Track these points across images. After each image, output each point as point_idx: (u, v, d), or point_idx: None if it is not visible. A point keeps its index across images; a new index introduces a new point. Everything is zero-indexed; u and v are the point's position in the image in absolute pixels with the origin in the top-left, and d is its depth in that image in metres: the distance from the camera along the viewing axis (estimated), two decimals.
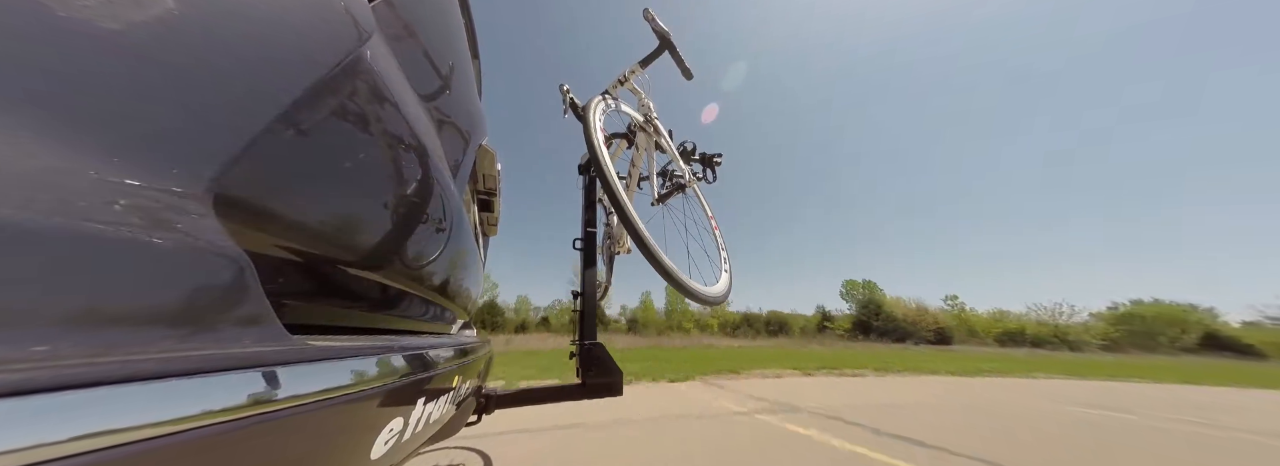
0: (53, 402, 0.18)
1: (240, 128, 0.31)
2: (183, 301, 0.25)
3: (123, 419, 0.20)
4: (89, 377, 0.19)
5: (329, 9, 0.41)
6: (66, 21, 0.22)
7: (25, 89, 0.20)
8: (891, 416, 4.23)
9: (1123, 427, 4.14)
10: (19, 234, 0.18)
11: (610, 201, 1.30)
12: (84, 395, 0.19)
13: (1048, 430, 3.86)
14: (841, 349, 22.86)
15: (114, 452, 0.19)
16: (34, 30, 0.21)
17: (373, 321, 0.70)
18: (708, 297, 1.46)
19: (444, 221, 0.71)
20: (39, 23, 0.21)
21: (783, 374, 8.53)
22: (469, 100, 1.06)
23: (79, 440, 0.18)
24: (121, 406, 0.20)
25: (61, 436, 0.17)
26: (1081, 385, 8.63)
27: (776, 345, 25.82)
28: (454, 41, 0.93)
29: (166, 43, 0.27)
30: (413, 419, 0.53)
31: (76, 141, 0.22)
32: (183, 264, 0.25)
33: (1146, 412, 5.18)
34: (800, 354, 15.65)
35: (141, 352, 0.22)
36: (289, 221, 0.38)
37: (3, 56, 0.20)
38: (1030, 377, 9.81)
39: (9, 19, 0.20)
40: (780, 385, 6.81)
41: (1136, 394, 7.29)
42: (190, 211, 0.26)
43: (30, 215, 0.19)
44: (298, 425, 0.31)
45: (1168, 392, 7.73)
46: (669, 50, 1.84)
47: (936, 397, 5.77)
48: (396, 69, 0.57)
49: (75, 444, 0.18)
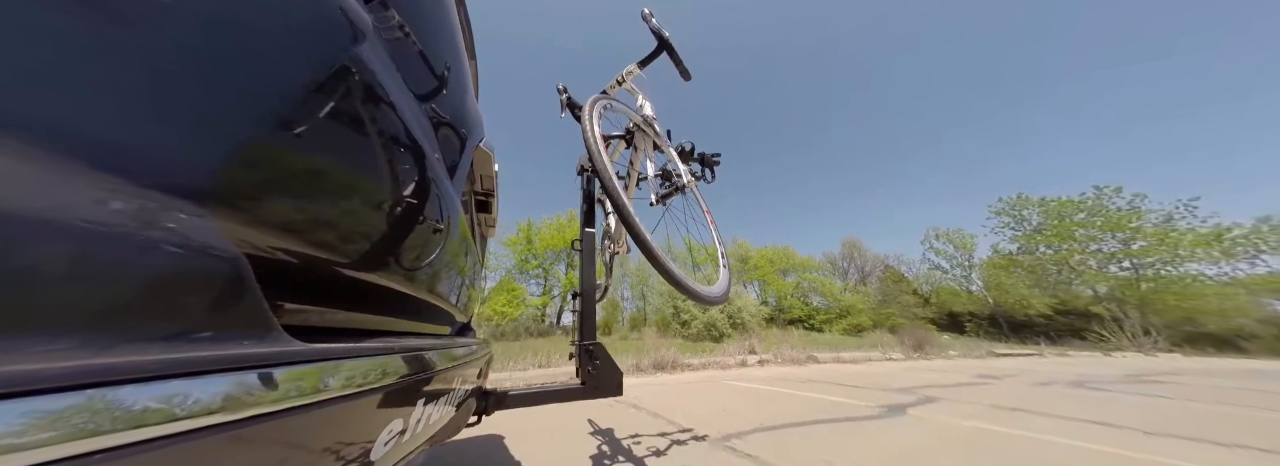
0: (52, 403, 0.17)
1: (236, 129, 0.31)
2: (180, 303, 0.25)
3: (121, 420, 0.19)
4: (87, 378, 0.19)
5: (324, 9, 0.41)
6: (64, 21, 0.22)
7: (23, 89, 0.20)
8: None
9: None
10: (18, 234, 0.18)
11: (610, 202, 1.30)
12: (83, 396, 0.18)
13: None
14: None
15: (113, 453, 0.19)
16: (32, 30, 0.21)
17: (370, 323, 0.70)
18: (709, 298, 1.46)
19: (441, 222, 0.71)
20: (37, 23, 0.21)
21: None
22: (466, 100, 1.06)
23: (78, 440, 0.18)
24: (120, 407, 0.19)
25: (61, 437, 0.17)
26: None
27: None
28: (450, 41, 0.93)
29: (162, 43, 0.27)
30: (412, 420, 0.52)
31: (73, 142, 0.22)
32: (180, 265, 0.25)
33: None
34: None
35: (139, 354, 0.21)
36: (285, 223, 0.38)
37: (2, 56, 0.20)
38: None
39: (9, 19, 0.20)
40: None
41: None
42: (187, 213, 0.26)
43: (29, 215, 0.19)
44: (297, 427, 0.31)
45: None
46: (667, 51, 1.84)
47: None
48: (392, 69, 0.57)
49: (75, 444, 0.18)
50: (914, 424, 3.36)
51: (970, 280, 30.25)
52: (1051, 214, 26.55)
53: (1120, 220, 23.69)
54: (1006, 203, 28.80)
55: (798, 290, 27.63)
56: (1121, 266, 23.44)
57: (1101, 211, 24.66)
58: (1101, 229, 24.22)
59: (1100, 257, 24.17)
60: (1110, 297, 22.80)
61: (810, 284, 28.05)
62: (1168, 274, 21.94)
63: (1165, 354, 14.74)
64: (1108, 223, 24.04)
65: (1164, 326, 17.89)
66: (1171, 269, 22.17)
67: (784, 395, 4.81)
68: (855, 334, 22.93)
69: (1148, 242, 22.77)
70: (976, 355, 12.54)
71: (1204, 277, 21.90)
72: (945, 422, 3.35)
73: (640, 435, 2.73)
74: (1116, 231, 23.81)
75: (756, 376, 7.02)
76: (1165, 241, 22.26)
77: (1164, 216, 23.20)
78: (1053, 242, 25.89)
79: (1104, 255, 24.02)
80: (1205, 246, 21.96)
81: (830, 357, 10.35)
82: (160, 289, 0.24)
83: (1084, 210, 25.31)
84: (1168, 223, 23.10)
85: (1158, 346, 15.87)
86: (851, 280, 32.41)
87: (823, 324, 24.67)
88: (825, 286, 27.56)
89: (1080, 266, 24.76)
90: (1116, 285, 22.89)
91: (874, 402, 4.28)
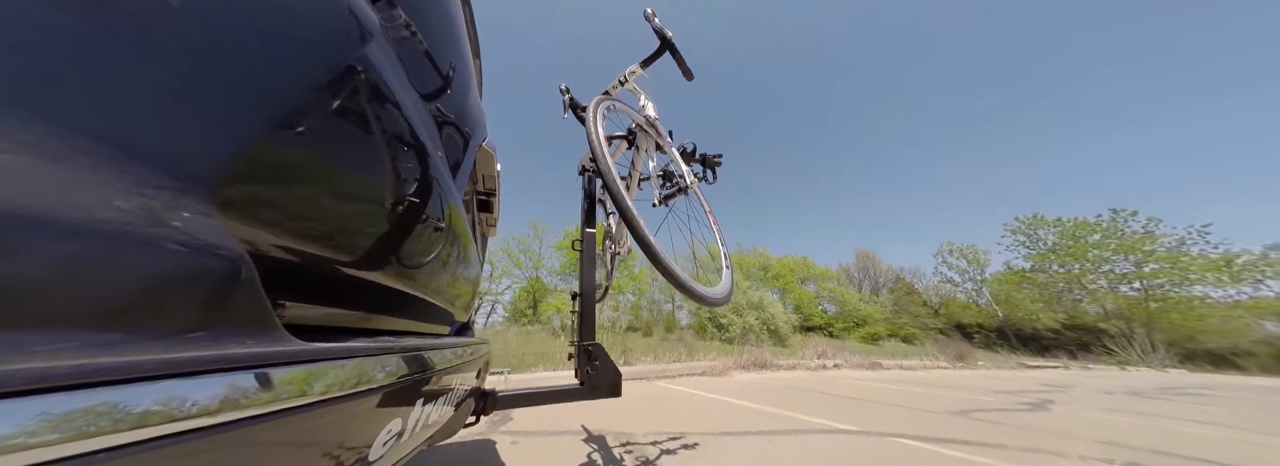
0: (53, 402, 0.17)
1: (241, 127, 0.31)
2: (184, 301, 0.25)
3: (123, 419, 0.19)
4: (89, 377, 0.19)
5: (331, 8, 0.41)
6: (67, 21, 0.22)
7: (27, 89, 0.20)
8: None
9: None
10: (20, 233, 0.18)
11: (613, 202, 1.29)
12: (84, 395, 0.18)
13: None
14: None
15: (114, 453, 0.19)
16: (35, 30, 0.21)
17: (371, 322, 0.70)
18: (711, 299, 1.46)
19: (443, 222, 0.71)
20: (40, 23, 0.21)
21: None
22: (469, 100, 1.06)
23: (79, 440, 0.18)
24: (122, 406, 0.19)
25: (62, 436, 0.17)
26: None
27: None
28: (455, 40, 0.93)
29: (169, 42, 0.27)
30: (411, 419, 0.52)
31: (78, 141, 0.22)
32: (184, 264, 0.25)
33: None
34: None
35: (142, 352, 0.21)
36: (288, 222, 0.38)
37: (4, 56, 0.20)
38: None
39: (9, 19, 0.20)
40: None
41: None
42: (192, 211, 0.26)
43: (32, 215, 0.19)
44: (297, 426, 0.31)
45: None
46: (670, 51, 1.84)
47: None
48: (398, 68, 0.57)
49: (75, 444, 0.18)
50: (1070, 413, 4.39)
51: (980, 294, 31.17)
52: (1067, 234, 27.48)
53: (1134, 243, 24.66)
54: (1022, 222, 29.76)
55: (815, 299, 28.53)
56: (1132, 286, 24.39)
57: (1116, 234, 25.54)
58: (1115, 251, 25.20)
59: (1112, 278, 25.22)
60: (1118, 315, 24.06)
61: (830, 293, 29.01)
62: (1176, 295, 23.04)
63: (1174, 369, 15.68)
64: (1122, 245, 24.96)
65: (1166, 343, 18.84)
66: (1180, 290, 23.16)
67: (923, 394, 5.63)
68: (872, 342, 23.87)
69: (1159, 265, 23.72)
70: (1009, 366, 13.50)
71: (1209, 299, 22.90)
72: (1092, 417, 4.21)
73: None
74: (1130, 253, 24.75)
75: (854, 377, 7.94)
76: (1176, 265, 23.29)
77: (1177, 241, 24.14)
78: (1066, 262, 26.80)
79: (1115, 276, 25.15)
80: (1215, 271, 22.92)
81: (893, 364, 11.31)
82: (166, 288, 0.24)
83: (1099, 231, 26.29)
84: (1180, 246, 24.01)
85: (1166, 362, 16.83)
86: (865, 290, 33.35)
87: (842, 332, 25.53)
88: (844, 296, 28.50)
89: (1092, 285, 25.73)
90: (1125, 304, 24.10)
91: (1006, 401, 5.28)
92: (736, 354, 10.21)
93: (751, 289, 19.64)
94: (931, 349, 17.75)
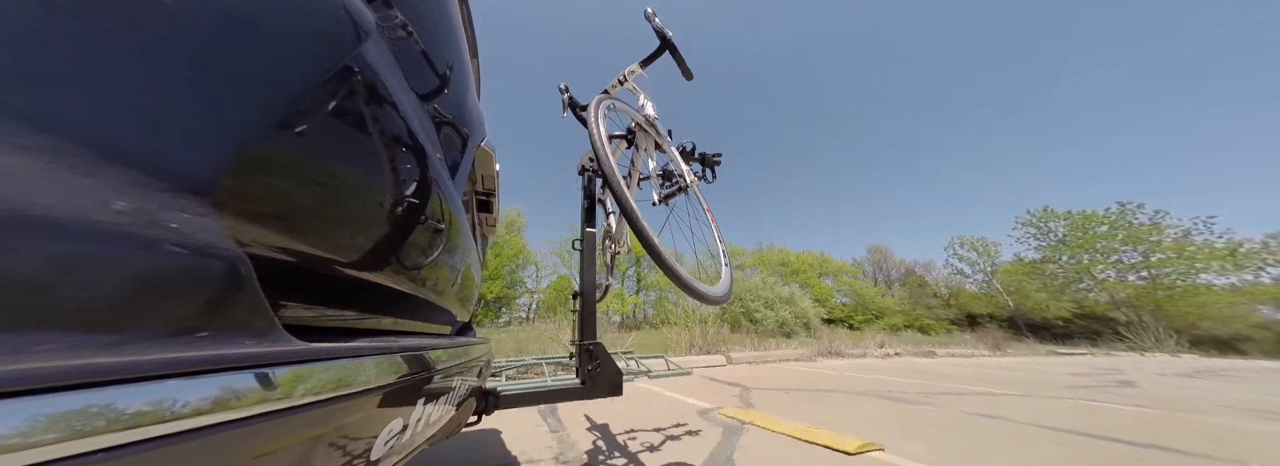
0: (52, 402, 0.17)
1: (239, 128, 0.31)
2: (182, 302, 0.25)
3: (122, 419, 0.19)
4: (88, 377, 0.19)
5: (327, 8, 0.41)
6: (65, 21, 0.22)
7: (25, 89, 0.20)
8: None
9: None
10: (19, 234, 0.18)
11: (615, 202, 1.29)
12: (83, 395, 0.18)
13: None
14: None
15: (113, 453, 0.19)
16: (33, 30, 0.21)
17: (371, 322, 0.70)
18: (712, 297, 1.46)
19: (442, 222, 0.71)
20: (38, 23, 0.21)
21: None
22: (467, 100, 1.06)
23: (79, 440, 0.18)
24: (121, 406, 0.20)
25: (62, 436, 0.17)
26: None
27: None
28: (453, 40, 0.93)
29: (164, 43, 0.27)
30: (412, 419, 0.52)
31: (76, 141, 0.22)
32: (183, 265, 0.25)
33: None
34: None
35: (141, 352, 0.22)
36: (287, 222, 0.38)
37: (3, 56, 0.20)
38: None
39: (9, 19, 0.20)
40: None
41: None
42: (190, 211, 0.26)
43: (31, 215, 0.19)
44: (297, 426, 0.31)
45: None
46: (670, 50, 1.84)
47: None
48: (395, 68, 0.57)
49: (75, 443, 0.18)
50: (1158, 389, 4.97)
51: (990, 285, 31.74)
52: (1076, 227, 28.11)
53: (1142, 234, 25.48)
54: (1033, 215, 30.47)
55: (833, 292, 29.67)
56: (1139, 276, 25.35)
57: (1124, 225, 26.32)
58: (1123, 242, 25.97)
59: (1120, 268, 26.06)
60: (1126, 303, 24.87)
61: (848, 287, 30.20)
62: (1182, 283, 24.03)
63: (1187, 354, 16.40)
64: (1129, 236, 25.73)
65: (1173, 330, 19.55)
66: (1186, 279, 24.04)
67: (1014, 377, 6.14)
68: (893, 332, 24.95)
69: (1166, 255, 24.52)
70: (1039, 354, 14.41)
71: (1213, 287, 23.72)
72: (1183, 394, 4.63)
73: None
74: (1138, 244, 25.57)
75: (927, 363, 8.62)
76: (1183, 254, 24.21)
77: (1182, 231, 25.15)
78: (1075, 253, 27.51)
79: (1124, 265, 25.96)
80: (1220, 260, 23.95)
81: (945, 353, 12.07)
82: (163, 288, 0.24)
83: (1107, 223, 26.99)
84: (1186, 237, 24.79)
85: (1178, 348, 17.62)
86: (879, 283, 34.55)
87: (862, 323, 26.27)
88: (863, 290, 29.61)
89: (1101, 275, 26.48)
90: (1134, 293, 24.93)
91: (1092, 380, 5.85)
92: (810, 345, 11.12)
93: (779, 284, 19.93)
94: (968, 338, 18.86)
